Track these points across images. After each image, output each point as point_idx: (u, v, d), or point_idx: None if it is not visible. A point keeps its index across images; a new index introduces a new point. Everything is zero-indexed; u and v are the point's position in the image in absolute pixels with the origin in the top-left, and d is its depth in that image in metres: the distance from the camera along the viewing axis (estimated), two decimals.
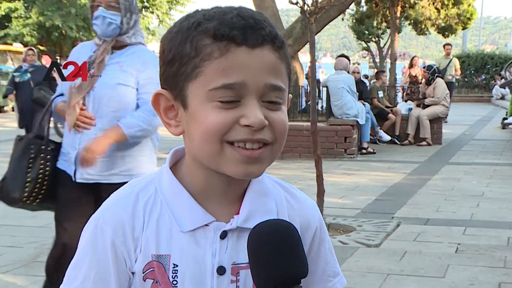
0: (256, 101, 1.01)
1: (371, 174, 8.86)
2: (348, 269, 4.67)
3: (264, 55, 1.01)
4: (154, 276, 1.08)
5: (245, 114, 1.00)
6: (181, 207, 1.08)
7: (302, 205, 1.18)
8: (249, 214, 1.09)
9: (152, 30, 29.15)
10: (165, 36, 1.08)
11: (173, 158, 1.14)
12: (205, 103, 1.01)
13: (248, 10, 1.04)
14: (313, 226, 1.17)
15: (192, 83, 1.02)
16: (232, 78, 0.99)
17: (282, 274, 0.96)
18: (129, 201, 1.10)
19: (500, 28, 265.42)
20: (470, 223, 6.03)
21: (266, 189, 1.13)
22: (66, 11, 22.65)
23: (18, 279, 4.44)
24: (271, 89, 1.02)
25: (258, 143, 1.02)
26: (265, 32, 1.01)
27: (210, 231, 1.08)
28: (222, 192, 1.09)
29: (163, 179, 1.11)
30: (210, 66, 1.00)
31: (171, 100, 1.06)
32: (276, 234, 0.98)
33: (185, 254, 1.07)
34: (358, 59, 45.08)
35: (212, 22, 1.01)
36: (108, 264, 1.08)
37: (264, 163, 1.05)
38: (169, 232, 1.08)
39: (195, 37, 1.01)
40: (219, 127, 1.00)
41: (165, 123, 1.09)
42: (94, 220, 1.10)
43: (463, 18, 19.91)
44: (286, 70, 1.06)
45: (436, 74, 12.40)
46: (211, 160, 1.04)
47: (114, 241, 1.07)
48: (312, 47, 6.12)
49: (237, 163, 1.02)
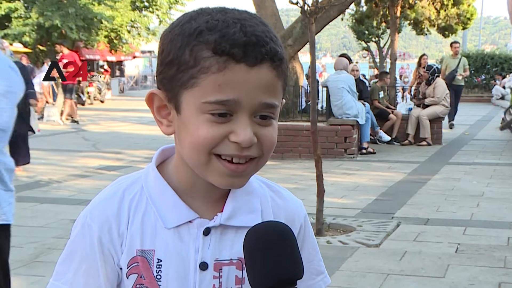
0: (248, 118, 1.02)
1: (371, 174, 8.86)
2: (348, 269, 4.67)
3: (262, 74, 1.01)
4: (139, 271, 1.10)
5: (235, 131, 1.02)
6: (166, 204, 1.11)
7: (286, 203, 1.20)
8: (232, 212, 1.11)
9: (152, 30, 29.11)
10: (166, 35, 1.07)
11: (160, 157, 1.17)
12: (197, 114, 1.02)
13: (252, 24, 1.02)
14: (297, 223, 1.19)
15: (187, 92, 1.03)
16: (227, 94, 1.00)
17: (278, 275, 0.97)
18: (115, 198, 1.12)
19: (500, 28, 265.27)
20: (470, 223, 6.03)
21: (251, 187, 1.15)
22: (65, 11, 22.63)
23: (18, 279, 4.43)
24: (264, 107, 1.03)
25: (244, 158, 1.04)
26: (265, 50, 1.01)
27: (194, 228, 1.10)
28: (207, 191, 1.12)
29: (149, 177, 1.14)
30: (207, 79, 1.00)
31: (164, 101, 1.08)
32: (273, 235, 1.00)
33: (169, 249, 1.10)
34: (358, 59, 45.08)
35: (214, 34, 1.00)
36: (96, 260, 1.10)
37: (247, 177, 1.09)
38: (154, 228, 1.10)
39: (195, 46, 1.01)
40: (208, 140, 1.02)
41: (157, 121, 1.11)
42: (82, 217, 1.13)
43: (463, 18, 19.91)
44: (282, 86, 1.06)
45: (436, 74, 12.39)
46: (197, 168, 1.07)
47: (100, 238, 1.10)
48: (312, 47, 6.12)
49: (222, 175, 1.05)
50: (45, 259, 4.86)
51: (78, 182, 8.16)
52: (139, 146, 11.85)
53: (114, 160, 10.15)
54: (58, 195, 7.35)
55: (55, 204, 6.82)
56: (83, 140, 13.15)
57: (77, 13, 23.03)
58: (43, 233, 5.60)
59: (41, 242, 5.29)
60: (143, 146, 11.89)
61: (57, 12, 22.71)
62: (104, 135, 14.11)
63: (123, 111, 21.23)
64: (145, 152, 10.98)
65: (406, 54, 66.25)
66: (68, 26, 22.69)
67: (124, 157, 10.54)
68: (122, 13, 25.52)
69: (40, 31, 23.42)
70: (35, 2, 23.57)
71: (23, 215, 6.29)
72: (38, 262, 4.78)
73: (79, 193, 7.35)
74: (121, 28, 26.01)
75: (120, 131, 15.07)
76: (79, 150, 11.39)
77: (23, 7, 23.74)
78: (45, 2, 23.06)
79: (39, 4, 23.17)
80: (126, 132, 14.84)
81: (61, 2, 23.14)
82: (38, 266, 4.66)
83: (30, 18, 23.09)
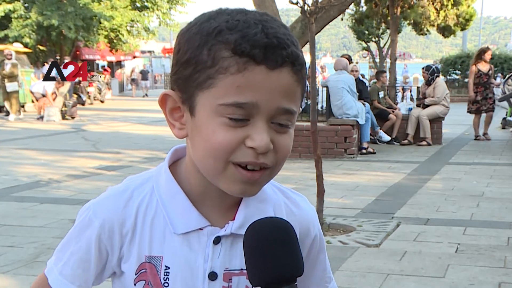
0: (265, 123, 0.98)
1: (371, 174, 8.86)
2: (348, 269, 4.67)
3: (282, 77, 0.98)
4: (146, 278, 1.08)
5: (252, 136, 0.98)
6: (177, 209, 1.08)
7: (302, 212, 1.17)
8: (244, 221, 1.08)
9: (152, 30, 29.11)
10: (182, 34, 1.03)
11: (173, 157, 1.13)
12: (213, 117, 0.98)
13: (273, 26, 0.99)
14: (312, 233, 1.18)
15: (203, 93, 0.99)
16: (245, 97, 0.96)
17: (277, 271, 0.95)
18: (122, 197, 1.10)
19: (500, 28, 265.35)
20: (470, 223, 6.03)
21: (264, 195, 1.12)
22: (65, 10, 22.61)
23: (18, 279, 4.43)
24: (282, 112, 0.99)
25: (259, 165, 1.01)
26: (287, 53, 0.98)
27: (204, 236, 1.07)
28: (219, 197, 1.08)
29: (161, 178, 1.10)
30: (225, 80, 0.96)
31: (178, 102, 1.04)
32: (273, 230, 0.98)
33: (177, 257, 1.07)
34: (358, 59, 45.07)
35: (234, 34, 0.96)
36: (90, 254, 1.10)
37: (261, 185, 1.05)
38: (163, 233, 1.08)
39: (214, 46, 0.97)
40: (225, 146, 0.98)
41: (169, 123, 1.07)
42: (86, 210, 1.11)
43: (461, 20, 19.90)
44: (301, 92, 1.03)
45: (435, 74, 12.39)
46: (210, 175, 1.03)
47: (100, 234, 1.09)
48: (312, 47, 6.12)
49: (236, 182, 1.01)
50: (45, 259, 4.85)
51: (78, 182, 8.15)
52: (139, 146, 11.85)
53: (114, 160, 10.14)
54: (58, 195, 7.34)
55: (55, 204, 6.81)
56: (83, 140, 13.14)
57: (76, 13, 23.02)
58: (43, 233, 5.60)
59: (41, 242, 5.29)
60: (143, 146, 11.89)
61: (56, 12, 22.70)
62: (104, 135, 14.11)
63: (123, 111, 21.23)
64: (145, 152, 10.98)
65: (406, 54, 66.28)
66: (66, 26, 22.67)
67: (124, 157, 10.53)
68: (122, 13, 25.51)
69: (40, 31, 23.41)
70: (34, 2, 23.57)
71: (23, 215, 6.30)
72: (38, 262, 4.78)
73: (79, 193, 7.35)
74: (121, 28, 26.00)
75: (120, 131, 15.07)
76: (79, 150, 11.38)
77: (22, 7, 23.73)
78: (45, 2, 23.06)
79: (39, 4, 23.17)
80: (126, 132, 14.84)
81: (61, 1, 23.12)
82: (38, 266, 4.66)
83: (30, 18, 23.08)
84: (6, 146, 11.92)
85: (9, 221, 6.01)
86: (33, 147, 11.88)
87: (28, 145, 12.18)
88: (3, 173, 8.81)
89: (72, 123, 16.76)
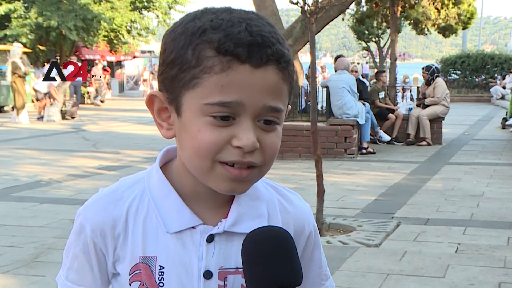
0: (251, 122, 0.98)
1: (371, 174, 8.86)
2: (348, 269, 4.67)
3: (267, 75, 0.97)
4: (141, 278, 1.08)
5: (238, 135, 0.98)
6: (169, 208, 1.07)
7: (296, 209, 1.16)
8: (237, 218, 1.08)
9: (152, 30, 29.09)
10: (168, 34, 1.03)
11: (164, 158, 1.13)
12: (199, 116, 0.98)
13: (258, 24, 0.99)
14: (307, 231, 1.16)
15: (188, 93, 0.99)
16: (230, 96, 0.96)
17: (275, 281, 0.94)
18: (112, 198, 1.10)
19: (500, 28, 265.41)
20: (470, 223, 6.03)
21: (258, 192, 1.11)
22: (64, 11, 22.60)
23: (18, 279, 4.43)
24: (269, 111, 0.99)
25: (246, 164, 1.00)
26: (271, 51, 0.97)
27: (197, 234, 1.07)
28: (210, 196, 1.08)
29: (152, 179, 1.10)
30: (209, 79, 0.97)
31: (165, 102, 1.04)
32: (272, 240, 0.97)
33: (171, 256, 1.07)
34: (358, 59, 45.05)
35: (218, 33, 0.97)
36: (90, 257, 1.11)
37: (250, 183, 1.04)
38: (156, 233, 1.07)
39: (198, 45, 0.97)
40: (211, 146, 0.98)
41: (157, 124, 1.07)
42: (78, 215, 1.12)
43: (463, 18, 19.89)
44: (288, 90, 1.03)
45: (435, 74, 12.39)
46: (199, 174, 1.03)
47: (93, 239, 1.10)
48: (312, 47, 6.12)
49: (224, 180, 1.01)
50: (45, 259, 4.86)
51: (78, 182, 8.16)
52: (139, 146, 11.85)
53: (114, 160, 10.14)
54: (58, 195, 7.35)
55: (55, 204, 6.82)
56: (83, 140, 13.15)
57: (76, 14, 23.02)
58: (43, 233, 5.60)
59: (41, 242, 5.29)
60: (142, 146, 11.89)
61: (56, 12, 22.69)
62: (104, 135, 14.11)
63: (123, 111, 21.23)
64: (145, 152, 10.98)
65: (406, 54, 66.25)
66: (66, 26, 22.67)
67: (124, 157, 10.54)
68: (121, 13, 25.51)
69: (39, 31, 23.40)
70: (34, 2, 23.56)
71: (23, 215, 6.30)
72: (38, 262, 4.78)
73: (79, 193, 7.35)
74: (121, 28, 26.00)
75: (120, 131, 15.07)
76: (79, 150, 11.38)
77: (22, 7, 23.73)
78: (45, 2, 23.05)
79: (39, 4, 23.16)
80: (125, 132, 14.84)
81: (61, 2, 23.12)
82: (38, 266, 4.66)
83: (29, 18, 23.07)
84: (6, 146, 11.92)
85: (9, 221, 6.01)
86: (33, 147, 11.88)
87: (28, 145, 12.19)
88: (3, 173, 8.81)
89: (72, 123, 16.76)
